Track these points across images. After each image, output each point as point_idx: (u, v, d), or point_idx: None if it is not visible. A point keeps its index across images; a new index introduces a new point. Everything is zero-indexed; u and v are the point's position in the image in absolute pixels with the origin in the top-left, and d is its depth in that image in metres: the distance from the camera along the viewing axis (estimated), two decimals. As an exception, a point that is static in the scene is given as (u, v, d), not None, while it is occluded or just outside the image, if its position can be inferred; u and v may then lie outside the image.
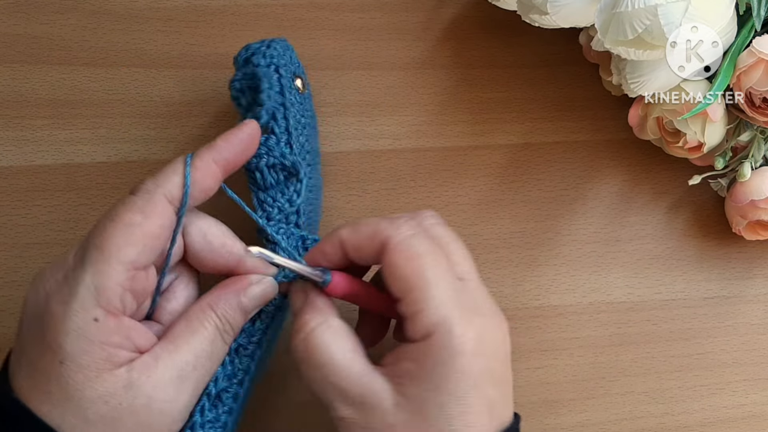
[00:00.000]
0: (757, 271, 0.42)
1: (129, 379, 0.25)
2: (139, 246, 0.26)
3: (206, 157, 0.29)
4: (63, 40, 0.40)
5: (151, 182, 0.28)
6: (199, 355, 0.27)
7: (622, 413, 0.38)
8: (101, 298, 0.25)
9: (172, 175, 0.28)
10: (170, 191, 0.28)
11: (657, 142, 0.42)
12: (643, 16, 0.32)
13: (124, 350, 0.26)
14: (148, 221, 0.27)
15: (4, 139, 0.38)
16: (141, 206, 0.27)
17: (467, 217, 0.40)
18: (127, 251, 0.26)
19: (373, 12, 0.43)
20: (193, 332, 0.28)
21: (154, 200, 0.27)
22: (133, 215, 0.26)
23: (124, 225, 0.26)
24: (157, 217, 0.27)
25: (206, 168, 0.29)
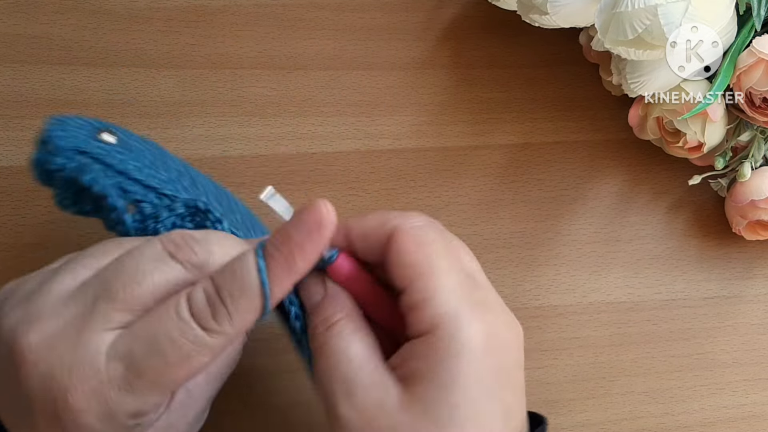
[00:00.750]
0: (757, 271, 0.42)
1: (167, 425, 0.25)
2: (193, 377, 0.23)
3: (283, 285, 0.24)
4: (63, 40, 0.40)
5: (226, 324, 0.23)
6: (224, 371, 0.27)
7: (622, 413, 0.38)
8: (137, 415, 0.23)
9: (249, 314, 0.23)
10: (246, 329, 0.24)
11: (657, 142, 0.42)
12: (643, 16, 0.32)
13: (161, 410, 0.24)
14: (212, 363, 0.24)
15: (4, 139, 0.38)
16: (215, 351, 0.23)
17: (467, 217, 0.40)
18: (177, 387, 0.24)
19: (373, 12, 0.43)
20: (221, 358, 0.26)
21: (228, 344, 0.23)
22: (203, 360, 0.23)
23: (191, 369, 0.23)
24: (222, 359, 0.25)
25: (282, 292, 0.24)
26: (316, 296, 0.27)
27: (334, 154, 0.40)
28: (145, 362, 0.22)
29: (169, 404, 0.24)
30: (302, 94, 0.41)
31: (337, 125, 0.41)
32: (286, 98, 0.41)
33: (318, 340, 0.26)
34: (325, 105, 0.41)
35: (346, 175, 0.40)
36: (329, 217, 0.24)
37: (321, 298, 0.27)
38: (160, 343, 0.22)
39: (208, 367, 0.25)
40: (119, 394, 0.22)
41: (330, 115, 0.41)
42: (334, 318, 0.26)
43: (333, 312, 0.26)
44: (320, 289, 0.27)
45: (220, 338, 0.23)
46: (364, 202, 0.40)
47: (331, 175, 0.40)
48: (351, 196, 0.40)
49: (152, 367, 0.22)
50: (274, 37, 0.42)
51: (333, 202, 0.39)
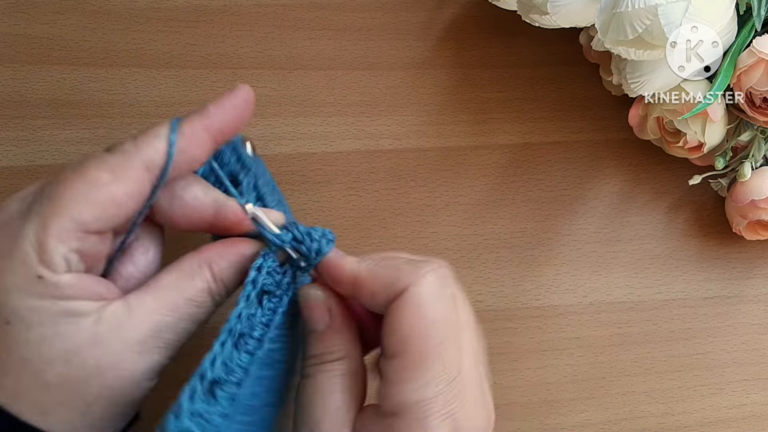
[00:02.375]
0: (757, 271, 0.42)
1: (96, 334, 0.22)
2: (97, 209, 0.23)
3: (196, 124, 0.25)
4: (63, 40, 0.40)
5: (130, 143, 0.24)
6: (181, 316, 0.24)
7: (622, 413, 0.38)
8: (44, 256, 0.22)
9: (155, 139, 0.24)
10: (150, 157, 0.24)
11: (657, 142, 0.42)
12: (643, 16, 0.32)
13: (83, 300, 0.22)
14: (116, 185, 0.23)
15: (4, 139, 0.38)
16: (113, 166, 0.23)
17: (467, 217, 0.40)
18: (81, 211, 0.22)
19: (373, 12, 0.43)
20: (181, 288, 0.24)
21: (130, 163, 0.23)
22: (101, 173, 0.23)
23: (87, 181, 0.22)
24: (128, 182, 0.23)
25: (195, 136, 0.24)
26: (320, 325, 0.25)
27: (334, 154, 0.41)
28: (46, 184, 0.23)
29: (102, 313, 0.23)
30: (302, 94, 0.41)
31: (338, 125, 0.41)
32: (286, 98, 0.41)
33: (307, 371, 0.25)
34: (325, 105, 0.41)
35: (346, 175, 0.40)
36: (246, 90, 0.26)
37: (324, 329, 0.25)
38: (67, 166, 0.23)
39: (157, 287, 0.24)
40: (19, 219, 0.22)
41: (330, 115, 0.41)
42: (330, 357, 0.25)
43: (331, 350, 0.25)
44: (325, 318, 0.25)
45: (120, 155, 0.23)
46: (364, 202, 0.40)
47: (332, 175, 0.40)
48: (351, 196, 0.40)
49: (51, 185, 0.22)
50: (274, 37, 0.42)
51: (333, 202, 0.39)
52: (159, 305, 0.24)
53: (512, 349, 0.39)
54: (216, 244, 0.26)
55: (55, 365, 0.21)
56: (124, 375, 0.23)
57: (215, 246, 0.26)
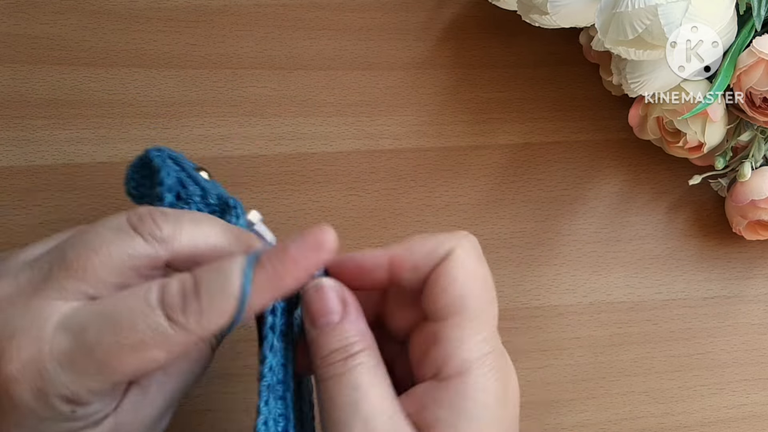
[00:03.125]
0: (757, 271, 0.42)
1: (116, 424, 0.22)
2: (140, 373, 0.22)
3: (266, 296, 0.22)
4: (63, 40, 0.40)
5: (193, 318, 0.21)
6: (188, 377, 0.24)
7: (622, 413, 0.38)
8: (73, 401, 0.21)
9: (220, 318, 0.21)
10: (212, 334, 0.22)
11: (657, 142, 0.42)
12: (643, 16, 0.32)
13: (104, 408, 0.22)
14: (168, 360, 0.21)
15: (4, 139, 0.38)
16: (172, 346, 0.21)
17: (467, 217, 0.40)
18: (122, 375, 0.21)
19: (373, 12, 0.43)
20: (185, 356, 0.24)
21: (189, 343, 0.21)
22: (159, 354, 0.21)
23: (142, 360, 0.21)
24: (192, 354, 0.23)
25: (261, 300, 0.22)
26: (333, 316, 0.24)
27: (335, 154, 0.41)
28: (95, 338, 0.20)
29: (120, 404, 0.23)
30: (302, 94, 0.41)
31: (338, 125, 0.41)
32: (286, 98, 0.41)
33: (332, 369, 0.23)
34: (325, 105, 0.41)
35: (346, 175, 0.40)
36: (330, 240, 0.23)
37: (339, 320, 0.24)
38: (117, 322, 0.21)
39: (166, 368, 0.23)
40: (57, 369, 0.20)
41: (330, 115, 0.41)
42: (356, 348, 0.23)
43: (354, 340, 0.23)
44: (337, 307, 0.24)
45: (182, 334, 0.21)
46: (364, 202, 0.40)
47: (332, 175, 0.40)
48: (351, 196, 0.40)
49: (101, 346, 0.20)
50: (274, 37, 0.42)
51: (333, 202, 0.39)
52: (168, 378, 0.24)
53: (512, 349, 0.38)
54: None
55: None
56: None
57: None
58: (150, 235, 0.22)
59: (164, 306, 0.21)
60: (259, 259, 0.22)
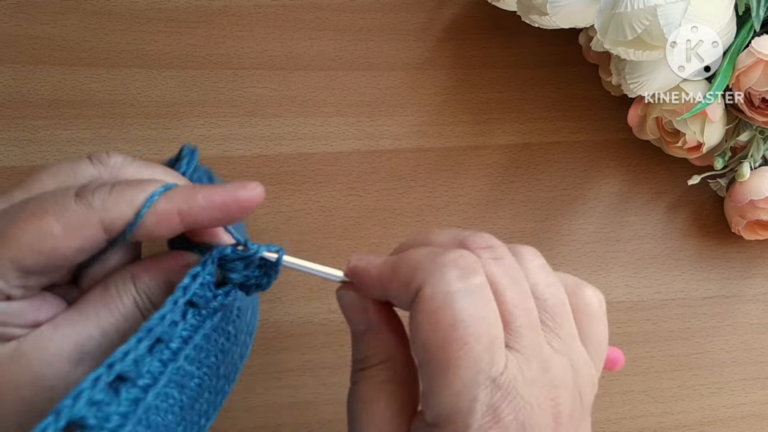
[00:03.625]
0: (756, 270, 0.42)
1: (17, 350, 0.22)
2: (40, 258, 0.22)
3: (174, 205, 0.23)
4: (64, 41, 0.40)
5: (100, 198, 0.23)
6: (108, 330, 0.24)
7: (622, 412, 0.39)
8: None
9: (125, 206, 0.23)
10: (111, 220, 0.22)
11: (656, 142, 0.42)
12: (642, 17, 0.32)
13: (13, 327, 0.22)
14: (66, 240, 0.22)
15: (5, 140, 0.38)
16: (70, 219, 0.22)
17: (467, 217, 0.41)
18: (24, 257, 0.22)
19: (373, 12, 0.44)
20: (106, 303, 0.24)
21: (89, 221, 0.22)
22: (55, 225, 0.22)
23: (39, 228, 0.22)
24: (80, 240, 0.22)
25: (167, 216, 0.23)
26: (360, 326, 0.24)
27: (335, 154, 0.41)
28: (5, 215, 0.22)
29: (27, 334, 0.23)
30: (303, 95, 0.41)
31: (338, 125, 0.41)
32: (286, 98, 0.41)
33: (352, 376, 0.24)
34: (325, 105, 0.41)
35: (346, 175, 0.40)
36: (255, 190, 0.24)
37: (364, 330, 0.24)
38: (30, 201, 0.22)
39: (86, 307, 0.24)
40: None
41: (330, 115, 0.41)
42: (370, 362, 0.24)
43: (371, 354, 0.24)
44: (362, 319, 0.24)
45: (83, 209, 0.22)
46: (364, 202, 0.40)
47: (332, 175, 0.40)
48: (351, 196, 0.40)
49: (7, 216, 0.22)
50: (274, 38, 0.42)
51: (333, 202, 0.40)
52: (84, 321, 0.23)
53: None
54: (144, 259, 0.26)
55: None
56: (43, 391, 0.22)
57: (143, 261, 0.25)
58: (98, 160, 0.25)
59: (79, 190, 0.23)
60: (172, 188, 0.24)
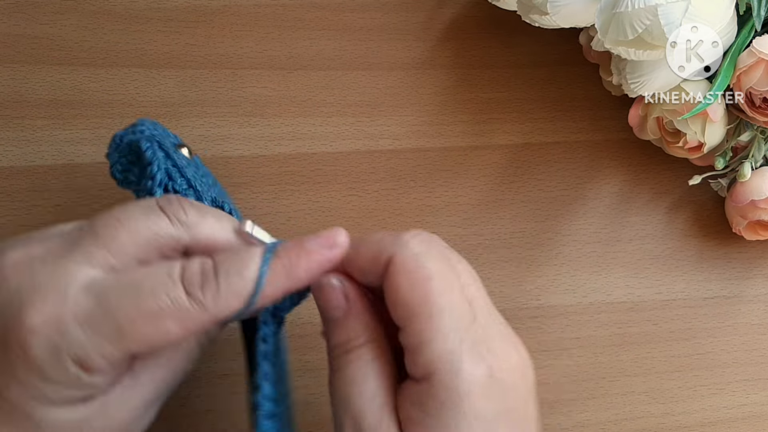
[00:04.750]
0: (757, 271, 0.42)
1: (104, 406, 0.23)
2: (151, 348, 0.22)
3: (278, 289, 0.24)
4: (63, 41, 0.40)
5: (209, 295, 0.22)
6: (177, 372, 0.25)
7: (622, 413, 0.38)
8: (82, 365, 0.22)
9: (235, 301, 0.23)
10: (224, 318, 0.23)
11: (657, 142, 0.42)
12: (643, 16, 0.32)
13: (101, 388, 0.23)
14: (179, 339, 0.22)
15: (4, 140, 0.38)
16: (185, 320, 0.22)
17: (467, 217, 0.40)
18: (138, 349, 0.22)
19: (373, 12, 0.43)
20: (177, 348, 0.25)
21: (202, 322, 0.22)
22: (172, 326, 0.22)
23: (158, 328, 0.22)
24: (191, 336, 0.23)
25: (271, 301, 0.24)
26: (337, 311, 0.25)
27: (334, 154, 0.41)
28: (116, 303, 0.22)
29: (110, 387, 0.23)
30: (302, 95, 0.41)
31: (337, 125, 0.41)
32: (286, 98, 0.41)
33: (335, 363, 0.25)
34: (325, 105, 0.41)
35: (346, 175, 0.40)
36: (343, 240, 0.25)
37: (342, 315, 0.25)
38: (139, 290, 0.22)
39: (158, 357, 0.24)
40: (76, 328, 0.21)
41: (330, 115, 0.41)
42: (354, 343, 0.24)
43: (354, 335, 0.25)
44: (341, 303, 0.25)
45: (197, 309, 0.22)
46: (364, 202, 0.40)
47: (331, 175, 0.40)
48: (351, 196, 0.40)
49: (121, 310, 0.21)
50: (274, 38, 0.42)
51: (333, 202, 0.39)
52: (158, 368, 0.24)
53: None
54: None
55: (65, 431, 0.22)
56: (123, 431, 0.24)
57: None
58: (176, 217, 0.24)
59: (184, 281, 0.22)
60: (276, 250, 0.24)
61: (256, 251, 0.24)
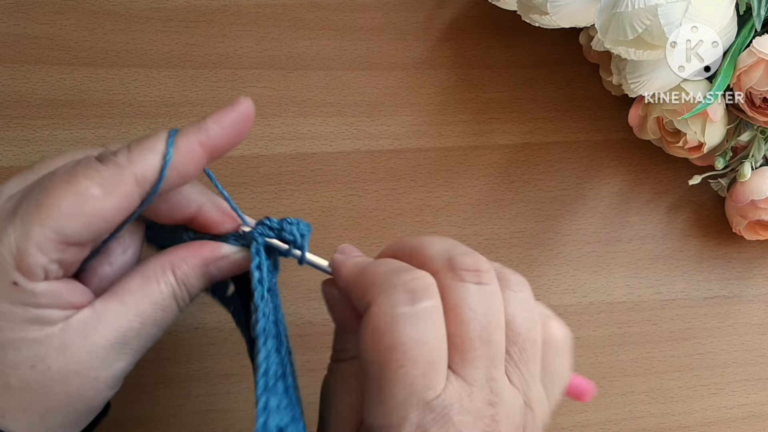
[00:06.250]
0: (757, 271, 0.42)
1: (63, 341, 0.22)
2: (83, 223, 0.22)
3: (192, 138, 0.24)
4: (63, 41, 0.40)
5: (123, 155, 0.23)
6: (146, 321, 0.24)
7: (622, 413, 0.38)
8: (22, 264, 0.21)
9: (149, 153, 0.23)
10: (143, 172, 0.23)
11: (657, 142, 0.42)
12: (643, 16, 0.32)
13: (55, 309, 0.22)
14: (106, 200, 0.22)
15: (4, 140, 0.38)
16: (104, 179, 0.22)
17: (467, 217, 0.40)
18: (67, 224, 0.22)
19: (373, 12, 0.43)
20: (146, 293, 0.24)
21: (121, 178, 0.22)
22: (92, 186, 0.22)
23: (77, 192, 0.22)
24: (118, 197, 0.22)
25: (190, 150, 0.24)
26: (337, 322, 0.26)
27: (334, 154, 0.40)
28: (35, 188, 0.22)
29: (70, 318, 0.23)
30: (302, 94, 0.41)
31: (337, 125, 0.41)
32: (286, 98, 0.41)
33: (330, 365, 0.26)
34: (325, 105, 0.41)
35: (346, 175, 0.40)
36: (246, 102, 0.25)
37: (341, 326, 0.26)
38: (56, 172, 0.22)
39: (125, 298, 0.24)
40: (3, 224, 0.21)
41: (330, 115, 0.41)
42: (343, 355, 0.25)
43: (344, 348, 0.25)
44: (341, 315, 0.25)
45: (113, 168, 0.22)
46: (364, 202, 0.40)
47: (331, 175, 0.40)
48: (351, 196, 0.40)
49: (39, 187, 0.22)
50: (274, 37, 0.42)
51: (333, 202, 0.39)
52: (125, 311, 0.23)
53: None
54: (180, 247, 0.26)
55: (19, 369, 0.21)
56: (87, 381, 0.23)
57: (179, 249, 0.25)
58: None
59: (98, 157, 0.23)
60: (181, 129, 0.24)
61: (163, 132, 0.24)
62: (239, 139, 0.25)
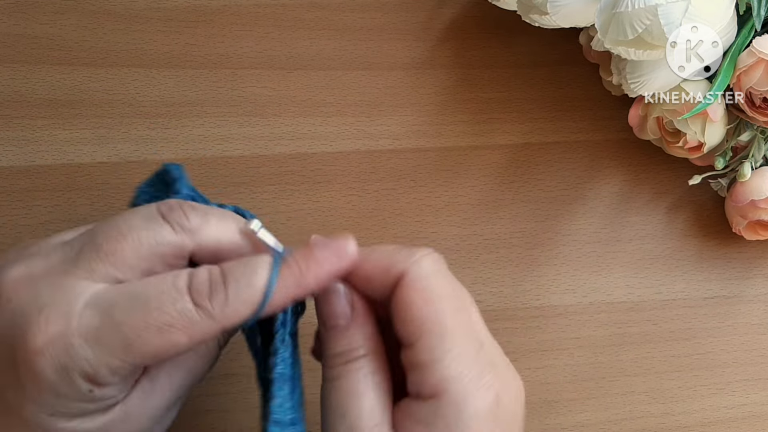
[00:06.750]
0: (757, 271, 0.42)
1: (126, 412, 0.23)
2: (159, 359, 0.22)
3: (286, 297, 0.23)
4: (63, 40, 0.40)
5: (217, 305, 0.22)
6: (196, 373, 0.25)
7: (622, 413, 0.38)
8: (94, 380, 0.21)
9: (243, 309, 0.22)
10: (232, 324, 0.22)
11: (657, 142, 0.42)
12: (643, 16, 0.32)
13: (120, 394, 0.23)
14: (188, 345, 0.22)
15: (4, 140, 0.38)
16: (194, 332, 0.22)
17: (467, 217, 0.40)
18: (147, 362, 0.22)
19: (373, 12, 0.43)
20: (198, 352, 0.25)
21: (211, 331, 0.22)
22: (182, 338, 0.22)
23: (169, 342, 0.21)
24: (199, 343, 0.22)
25: (281, 304, 0.23)
26: (342, 319, 0.25)
27: (334, 154, 0.40)
28: (122, 317, 0.21)
29: (129, 393, 0.23)
30: (302, 94, 0.41)
31: (337, 125, 0.41)
32: (286, 98, 0.41)
33: (333, 372, 0.24)
34: (324, 105, 0.41)
35: (346, 175, 0.40)
36: (353, 250, 0.24)
37: (346, 324, 0.25)
38: (145, 303, 0.21)
39: (176, 360, 0.24)
40: (83, 345, 0.21)
41: (330, 115, 0.41)
42: (356, 353, 0.24)
43: (356, 345, 0.24)
44: (347, 312, 0.25)
45: (206, 320, 0.22)
46: (364, 202, 0.40)
47: (331, 175, 0.40)
48: (351, 196, 0.40)
49: (128, 324, 0.21)
50: (274, 37, 0.42)
51: (333, 202, 0.39)
52: (177, 369, 0.24)
53: (512, 349, 0.39)
54: None
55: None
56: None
57: None
58: (178, 224, 0.23)
59: (192, 292, 0.22)
60: (285, 258, 0.23)
61: (264, 259, 0.23)
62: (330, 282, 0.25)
